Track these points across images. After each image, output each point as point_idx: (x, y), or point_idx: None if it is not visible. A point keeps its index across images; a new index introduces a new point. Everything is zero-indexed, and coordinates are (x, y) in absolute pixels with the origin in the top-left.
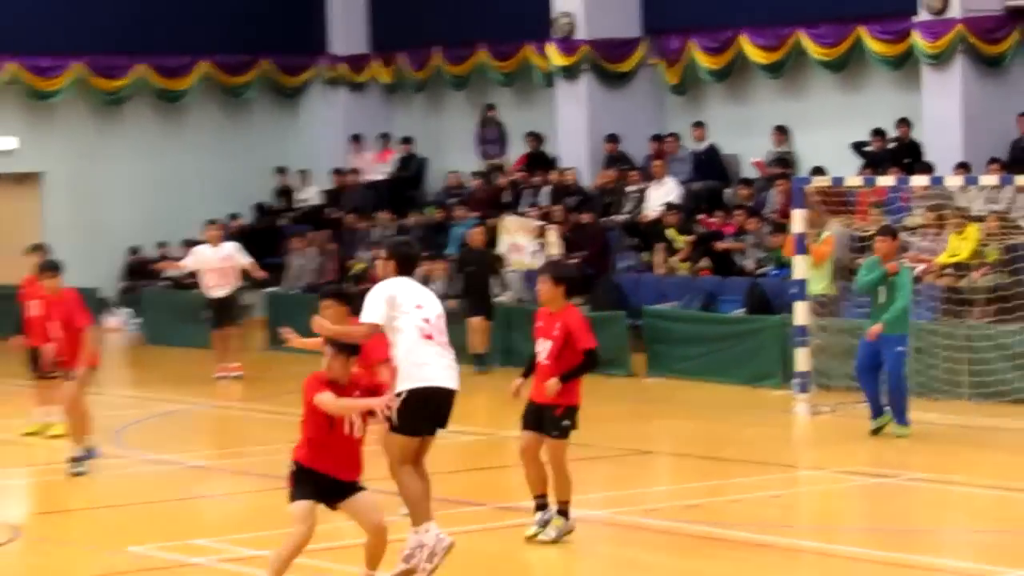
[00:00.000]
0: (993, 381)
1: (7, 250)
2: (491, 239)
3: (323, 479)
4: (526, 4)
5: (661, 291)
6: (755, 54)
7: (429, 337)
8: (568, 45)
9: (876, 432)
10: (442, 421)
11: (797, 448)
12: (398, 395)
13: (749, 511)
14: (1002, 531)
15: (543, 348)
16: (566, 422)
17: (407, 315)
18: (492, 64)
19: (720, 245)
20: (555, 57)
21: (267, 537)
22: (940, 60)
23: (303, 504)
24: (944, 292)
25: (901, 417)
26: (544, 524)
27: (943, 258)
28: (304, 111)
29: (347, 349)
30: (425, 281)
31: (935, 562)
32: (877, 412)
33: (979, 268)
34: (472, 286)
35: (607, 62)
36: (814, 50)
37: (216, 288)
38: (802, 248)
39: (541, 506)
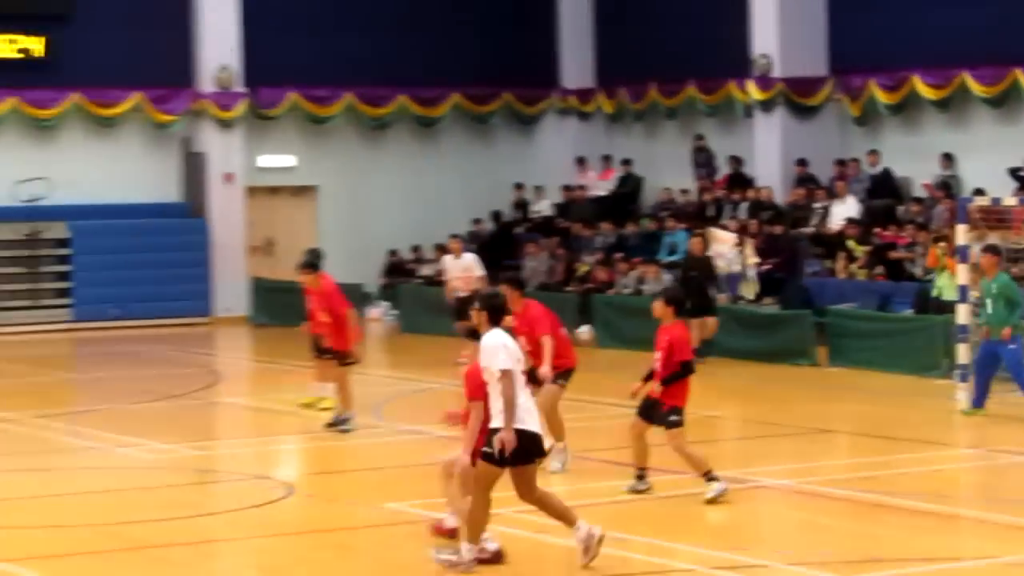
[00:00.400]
0: None
1: (290, 251)
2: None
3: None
4: (729, 46)
5: (842, 293)
6: (926, 91)
7: (524, 387)
8: (765, 82)
9: (967, 414)
10: (532, 458)
11: (957, 430)
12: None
13: (915, 483)
14: None
15: (657, 357)
16: (673, 417)
17: (514, 365)
18: (700, 97)
19: (893, 254)
20: (754, 92)
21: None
22: None
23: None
24: None
25: None
26: (634, 491)
27: None
28: (539, 136)
29: (473, 337)
30: (640, 282)
31: None
32: (978, 402)
33: None
34: (695, 289)
35: (798, 97)
36: (977, 88)
37: (457, 290)
38: (965, 257)
39: (640, 476)
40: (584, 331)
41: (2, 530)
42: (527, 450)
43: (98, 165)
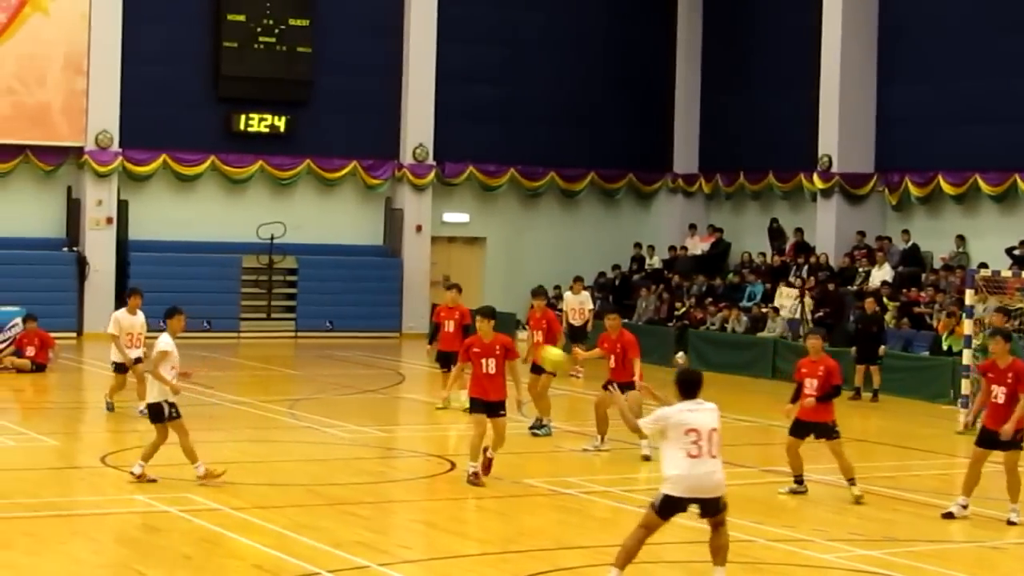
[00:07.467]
0: None
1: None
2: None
3: None
4: (800, 146)
5: None
6: (948, 188)
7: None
8: (826, 175)
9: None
10: None
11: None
12: None
13: (923, 482)
14: None
15: (810, 384)
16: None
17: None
18: (777, 184)
19: (916, 310)
20: (817, 183)
21: None
22: None
23: None
24: None
25: None
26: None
27: None
28: (654, 208)
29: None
30: (724, 321)
31: None
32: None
33: None
34: (867, 340)
35: (850, 187)
36: (985, 187)
37: (574, 320)
38: (971, 314)
39: (798, 480)
40: (680, 356)
41: (234, 485)
42: None
43: None
